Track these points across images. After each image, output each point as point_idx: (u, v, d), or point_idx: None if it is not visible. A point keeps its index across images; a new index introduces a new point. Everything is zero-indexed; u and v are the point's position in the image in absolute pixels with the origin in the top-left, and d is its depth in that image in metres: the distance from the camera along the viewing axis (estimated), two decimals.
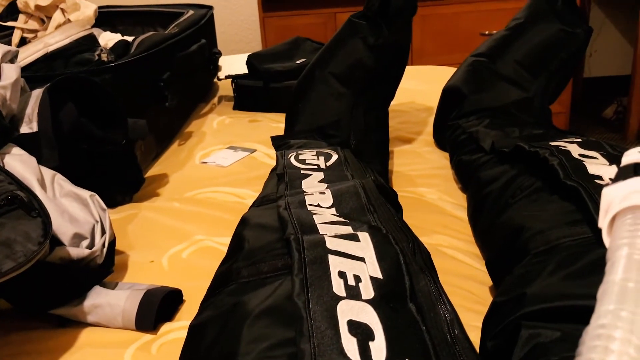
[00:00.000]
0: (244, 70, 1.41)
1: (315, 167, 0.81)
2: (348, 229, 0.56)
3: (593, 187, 0.57)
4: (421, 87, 1.47)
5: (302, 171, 0.79)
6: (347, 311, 0.43)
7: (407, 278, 0.48)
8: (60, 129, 0.82)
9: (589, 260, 0.49)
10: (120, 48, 1.11)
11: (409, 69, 1.08)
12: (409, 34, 1.03)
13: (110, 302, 0.67)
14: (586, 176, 0.59)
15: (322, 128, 0.98)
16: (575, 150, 0.67)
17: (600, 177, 0.59)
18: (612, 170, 0.60)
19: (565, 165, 0.62)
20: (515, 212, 0.67)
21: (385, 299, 0.45)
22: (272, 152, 1.07)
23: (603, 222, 0.33)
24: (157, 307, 0.66)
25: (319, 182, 0.76)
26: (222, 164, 1.10)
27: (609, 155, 0.66)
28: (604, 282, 0.29)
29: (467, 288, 0.71)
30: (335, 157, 0.84)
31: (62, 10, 1.33)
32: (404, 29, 1.01)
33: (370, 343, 0.40)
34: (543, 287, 0.49)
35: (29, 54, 1.05)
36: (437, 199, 0.94)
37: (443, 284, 0.69)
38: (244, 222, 0.66)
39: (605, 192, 0.34)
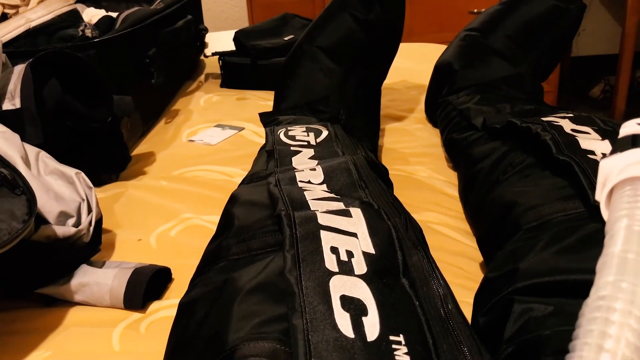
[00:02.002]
0: (231, 47, 1.39)
1: (305, 143, 0.80)
2: (340, 205, 0.55)
3: (586, 162, 0.56)
4: (412, 65, 1.46)
5: (292, 148, 0.78)
6: (340, 286, 0.42)
7: (400, 253, 0.47)
8: (44, 105, 0.80)
9: (582, 235, 0.49)
10: (104, 24, 1.09)
11: (400, 47, 1.06)
12: (402, 13, 1.02)
13: (98, 280, 0.66)
14: (579, 151, 0.59)
15: (312, 103, 0.97)
16: (567, 125, 0.67)
17: (592, 152, 0.59)
18: (605, 145, 0.60)
19: (558, 141, 0.62)
20: (506, 188, 0.66)
21: (378, 274, 0.44)
22: (261, 130, 1.06)
23: (601, 195, 0.33)
24: (146, 285, 0.65)
25: (309, 158, 0.75)
26: (209, 142, 1.08)
27: (601, 130, 0.65)
28: (603, 254, 0.28)
29: (458, 264, 0.71)
30: (325, 133, 0.83)
31: None
32: (397, 8, 0.99)
33: (364, 318, 0.40)
34: (535, 262, 0.49)
35: (10, 30, 1.03)
36: (427, 177, 0.93)
37: None
38: (233, 199, 0.65)
39: (602, 164, 0.34)
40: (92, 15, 1.31)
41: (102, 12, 1.34)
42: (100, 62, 0.97)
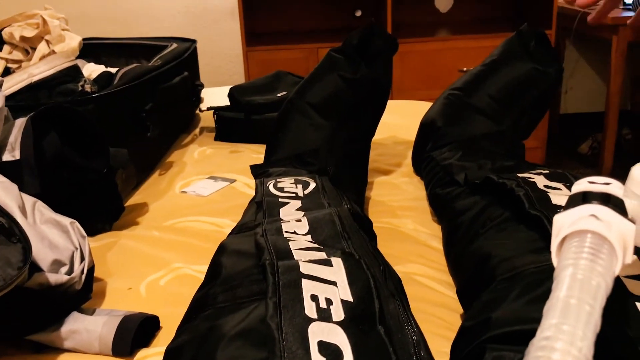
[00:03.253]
0: (225, 102, 1.44)
1: (293, 195, 0.83)
2: (322, 255, 0.57)
3: None
4: (400, 121, 1.50)
5: (280, 199, 0.81)
6: (318, 332, 0.45)
7: (377, 302, 0.50)
8: (43, 157, 0.83)
9: (550, 286, 0.52)
10: (103, 79, 1.13)
11: (388, 103, 1.11)
12: (389, 73, 1.07)
13: (88, 327, 0.67)
14: (550, 206, 0.62)
15: (301, 156, 1.00)
16: (541, 181, 0.70)
17: (562, 207, 0.62)
18: None
19: (531, 196, 0.65)
20: (484, 241, 0.69)
21: (355, 321, 0.46)
22: (252, 182, 1.09)
23: (553, 245, 0.36)
24: (134, 333, 0.67)
25: (296, 210, 0.78)
26: (202, 193, 1.11)
27: (572, 186, 0.69)
28: (550, 299, 0.31)
29: (439, 315, 0.73)
30: (312, 185, 0.87)
31: (47, 42, 1.35)
32: (383, 68, 1.04)
33: None
34: (507, 311, 0.52)
35: (13, 84, 1.07)
36: (412, 230, 0.96)
37: (416, 311, 0.71)
38: (221, 249, 0.68)
39: (556, 218, 0.37)
40: (92, 70, 1.36)
41: (101, 68, 1.39)
42: (99, 115, 1.01)
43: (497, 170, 0.87)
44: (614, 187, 0.38)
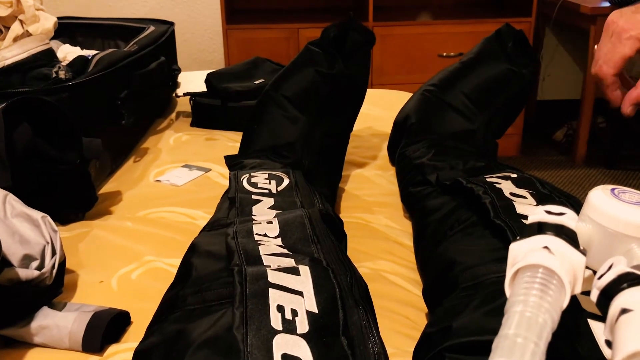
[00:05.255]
0: (202, 87, 1.43)
1: (267, 191, 0.84)
2: (291, 262, 0.59)
3: (518, 227, 0.61)
4: (378, 112, 1.51)
5: (253, 196, 0.82)
6: (282, 345, 0.46)
7: (342, 313, 0.51)
8: (14, 149, 0.83)
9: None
10: (78, 64, 1.12)
11: (368, 92, 1.11)
12: (367, 68, 1.07)
13: (58, 323, 0.68)
14: (514, 216, 0.64)
15: (277, 148, 1.01)
16: (507, 187, 0.72)
17: (526, 217, 0.63)
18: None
19: (496, 205, 0.67)
20: (450, 244, 0.71)
21: (319, 332, 0.48)
22: (227, 171, 1.09)
23: (507, 275, 0.37)
24: (104, 329, 0.68)
25: (268, 208, 0.79)
26: (176, 183, 1.11)
27: (537, 194, 0.71)
28: (499, 335, 0.33)
29: (405, 314, 0.75)
30: (286, 181, 0.87)
31: (21, 22, 1.33)
32: (361, 63, 1.05)
33: None
34: (467, 321, 0.53)
35: None
36: (384, 226, 0.97)
37: (383, 309, 0.73)
38: (193, 248, 0.69)
39: (511, 247, 0.38)
40: (67, 52, 1.34)
41: (77, 50, 1.37)
42: (73, 104, 1.00)
43: (468, 171, 0.89)
44: (567, 218, 0.40)
